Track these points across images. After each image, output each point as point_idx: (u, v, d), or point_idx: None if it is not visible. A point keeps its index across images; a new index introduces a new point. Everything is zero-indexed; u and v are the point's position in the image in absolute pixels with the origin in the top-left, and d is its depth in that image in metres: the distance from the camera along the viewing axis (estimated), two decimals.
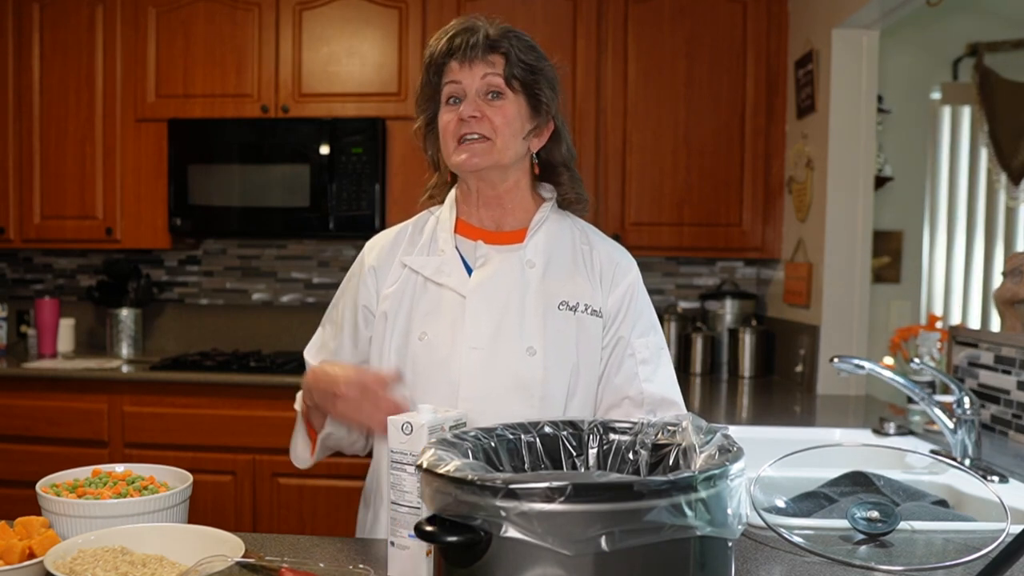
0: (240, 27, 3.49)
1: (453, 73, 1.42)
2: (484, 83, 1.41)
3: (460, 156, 1.41)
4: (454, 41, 1.41)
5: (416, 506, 1.13)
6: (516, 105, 1.42)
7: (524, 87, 1.43)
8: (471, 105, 1.40)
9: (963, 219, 4.09)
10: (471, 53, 1.40)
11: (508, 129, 1.41)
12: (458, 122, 1.41)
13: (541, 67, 1.45)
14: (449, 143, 1.43)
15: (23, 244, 3.64)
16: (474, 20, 1.44)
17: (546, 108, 1.45)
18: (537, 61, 1.44)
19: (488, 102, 1.41)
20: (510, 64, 1.41)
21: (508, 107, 1.41)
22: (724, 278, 3.75)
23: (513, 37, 1.43)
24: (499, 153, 1.41)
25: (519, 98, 1.43)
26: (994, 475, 1.78)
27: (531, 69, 1.43)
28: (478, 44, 1.40)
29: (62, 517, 1.25)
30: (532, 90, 1.43)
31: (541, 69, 1.45)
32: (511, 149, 1.43)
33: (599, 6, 3.41)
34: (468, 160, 1.41)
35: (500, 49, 1.41)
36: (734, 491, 0.90)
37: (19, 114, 3.57)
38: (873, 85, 3.03)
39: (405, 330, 1.45)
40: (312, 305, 3.85)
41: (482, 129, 1.40)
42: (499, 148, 1.41)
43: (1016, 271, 2.30)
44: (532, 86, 1.43)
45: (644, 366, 1.46)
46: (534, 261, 1.46)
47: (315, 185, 3.39)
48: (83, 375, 3.26)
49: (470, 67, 1.41)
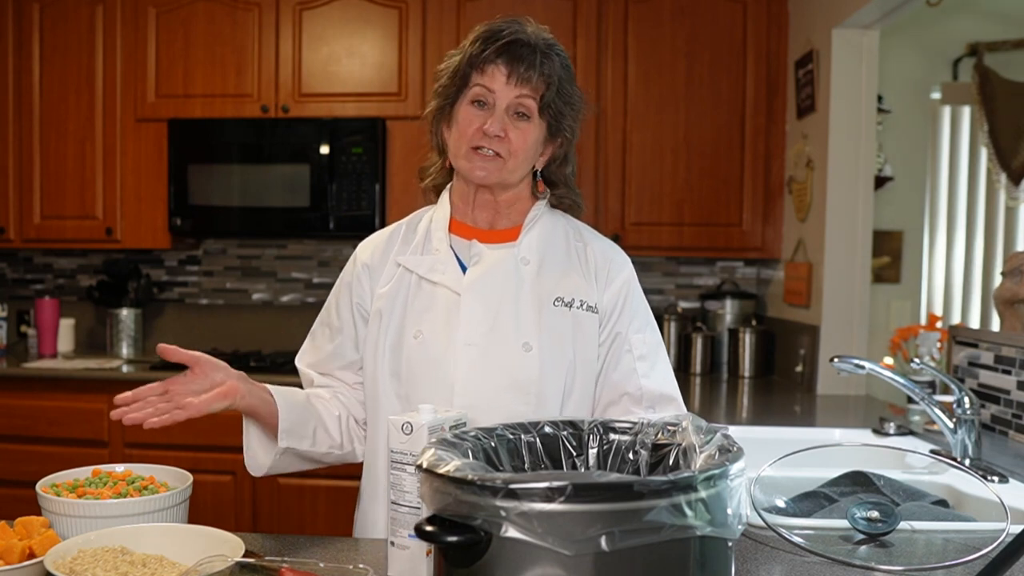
0: (240, 27, 3.49)
1: (493, 80, 1.39)
2: (517, 102, 1.39)
3: (470, 165, 1.41)
4: (509, 50, 1.38)
5: (416, 506, 1.13)
6: (539, 130, 1.42)
7: (552, 116, 1.42)
8: (498, 123, 1.38)
9: (963, 219, 4.09)
10: (524, 72, 1.37)
11: (523, 153, 1.41)
12: (479, 132, 1.39)
13: (572, 98, 1.44)
14: (463, 146, 1.42)
15: (23, 244, 3.64)
16: (524, 27, 1.41)
17: (565, 137, 1.46)
18: (571, 90, 1.43)
19: (513, 121, 1.40)
20: (549, 91, 1.40)
21: (531, 131, 1.41)
22: (724, 278, 3.75)
23: (557, 59, 1.41)
24: (509, 173, 1.42)
25: (542, 123, 1.42)
26: (994, 475, 1.78)
27: (565, 99, 1.42)
28: (533, 66, 1.38)
29: (62, 517, 1.25)
30: (558, 120, 1.43)
31: (572, 100, 1.44)
32: (521, 170, 1.44)
33: (599, 6, 3.41)
34: (474, 172, 1.41)
35: (546, 75, 1.39)
36: (734, 491, 0.90)
37: (19, 114, 3.57)
38: (873, 85, 3.03)
39: (400, 329, 1.45)
40: (312, 305, 3.84)
41: (500, 148, 1.39)
42: (509, 168, 1.41)
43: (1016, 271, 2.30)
44: (560, 117, 1.43)
45: (642, 362, 1.46)
46: (528, 258, 1.46)
47: (315, 185, 3.39)
48: (83, 375, 3.26)
49: (515, 84, 1.39)
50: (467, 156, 1.41)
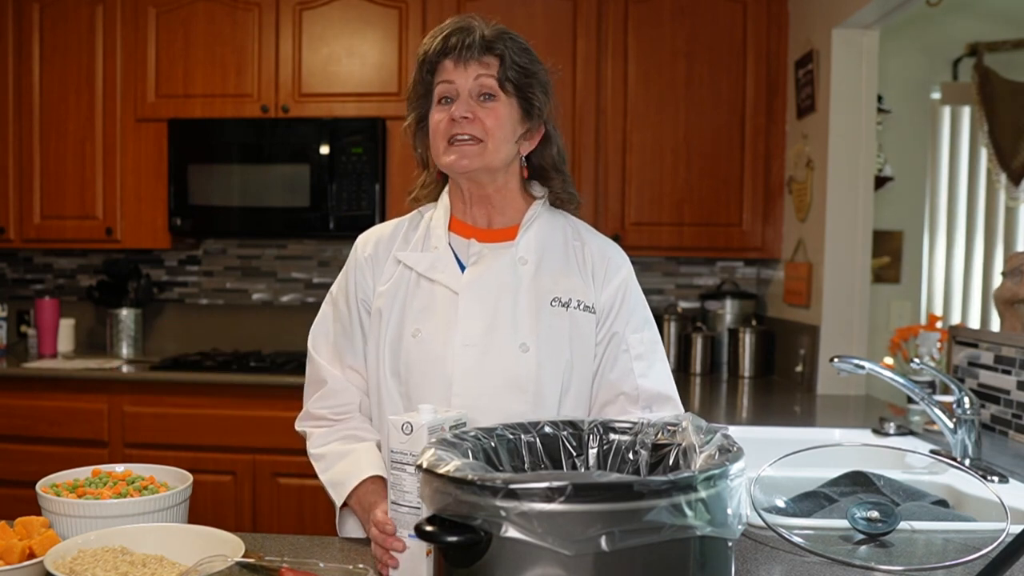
0: (240, 27, 3.49)
1: (447, 72, 1.42)
2: (477, 84, 1.41)
3: (450, 157, 1.41)
4: (449, 40, 1.41)
5: (416, 506, 1.13)
6: (508, 108, 1.42)
7: (517, 90, 1.43)
8: (463, 105, 1.40)
9: (963, 219, 4.09)
10: (466, 53, 1.40)
11: (499, 132, 1.41)
12: (449, 122, 1.41)
13: (535, 70, 1.45)
14: (439, 143, 1.43)
15: (23, 244, 3.64)
16: (469, 20, 1.44)
17: (538, 112, 1.45)
18: (531, 64, 1.44)
19: (480, 103, 1.41)
20: (504, 66, 1.41)
21: (500, 109, 1.41)
22: (724, 278, 3.75)
23: (508, 39, 1.43)
24: (490, 156, 1.41)
25: (511, 101, 1.43)
26: (994, 475, 1.78)
27: (525, 72, 1.43)
28: (474, 44, 1.40)
29: (62, 517, 1.25)
30: (525, 93, 1.43)
31: (535, 72, 1.44)
32: (502, 152, 1.43)
33: (599, 6, 3.41)
34: (457, 161, 1.41)
35: (495, 51, 1.41)
36: (734, 491, 0.90)
37: (19, 114, 3.57)
38: (873, 85, 3.03)
39: (399, 327, 1.45)
40: (312, 305, 3.84)
41: (473, 130, 1.40)
42: (490, 151, 1.41)
43: (1016, 271, 2.30)
44: (525, 89, 1.43)
45: (639, 361, 1.46)
46: (526, 258, 1.46)
47: (315, 185, 3.39)
48: (83, 375, 3.26)
49: (464, 67, 1.41)
50: (446, 151, 1.42)
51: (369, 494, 1.35)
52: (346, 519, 1.49)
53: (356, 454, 1.42)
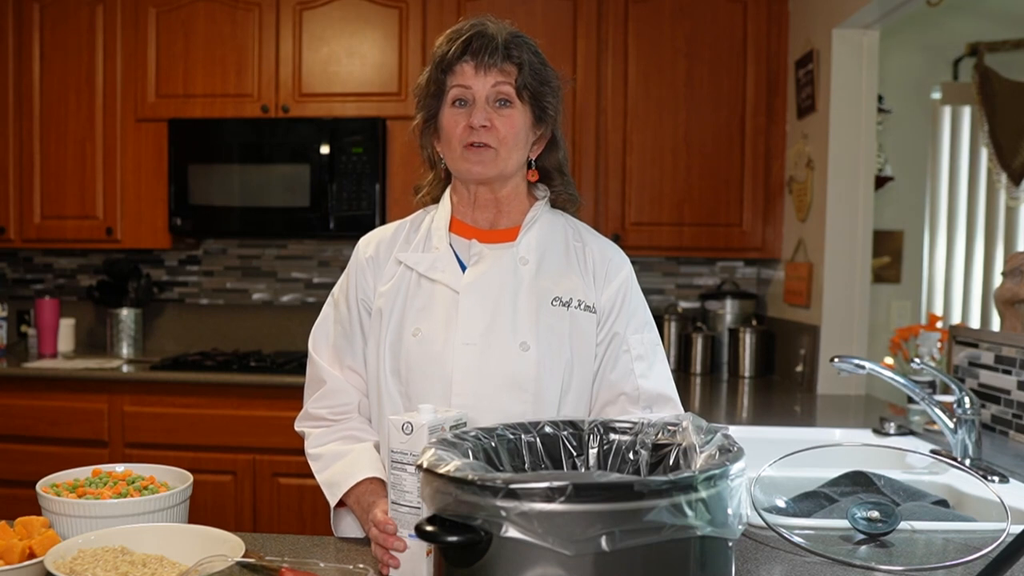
0: (240, 27, 3.49)
1: (465, 77, 1.42)
2: (495, 91, 1.42)
3: (467, 164, 1.42)
4: (471, 44, 1.41)
5: (416, 506, 1.13)
6: (523, 115, 1.43)
7: (532, 98, 1.44)
8: (481, 113, 1.40)
9: (963, 219, 4.09)
10: (488, 60, 1.40)
11: (513, 140, 1.42)
12: (467, 128, 1.41)
13: (548, 77, 1.46)
14: (455, 148, 1.43)
15: (23, 244, 3.64)
16: (486, 23, 1.44)
17: (551, 118, 1.47)
18: (545, 71, 1.45)
19: (496, 110, 1.42)
20: (523, 74, 1.42)
21: (516, 117, 1.42)
22: (724, 278, 3.75)
23: (525, 45, 1.43)
24: (504, 163, 1.43)
25: (526, 108, 1.44)
26: (994, 475, 1.78)
27: (540, 80, 1.44)
28: (496, 51, 1.40)
29: (62, 517, 1.25)
30: (540, 101, 1.45)
31: (548, 80, 1.46)
32: (515, 159, 1.44)
33: (599, 6, 3.41)
34: (473, 168, 1.42)
35: (514, 59, 1.42)
36: (734, 491, 0.90)
37: (19, 114, 3.57)
38: (873, 85, 3.03)
39: (399, 326, 1.45)
40: (312, 305, 3.84)
41: (489, 139, 1.41)
42: (503, 158, 1.42)
43: (1016, 271, 2.30)
44: (540, 97, 1.44)
45: (640, 362, 1.47)
46: (527, 258, 1.46)
47: (315, 185, 3.39)
48: (83, 375, 3.26)
49: (484, 73, 1.41)
50: (462, 156, 1.42)
51: (367, 494, 1.35)
52: (340, 520, 1.49)
53: (354, 455, 1.42)
